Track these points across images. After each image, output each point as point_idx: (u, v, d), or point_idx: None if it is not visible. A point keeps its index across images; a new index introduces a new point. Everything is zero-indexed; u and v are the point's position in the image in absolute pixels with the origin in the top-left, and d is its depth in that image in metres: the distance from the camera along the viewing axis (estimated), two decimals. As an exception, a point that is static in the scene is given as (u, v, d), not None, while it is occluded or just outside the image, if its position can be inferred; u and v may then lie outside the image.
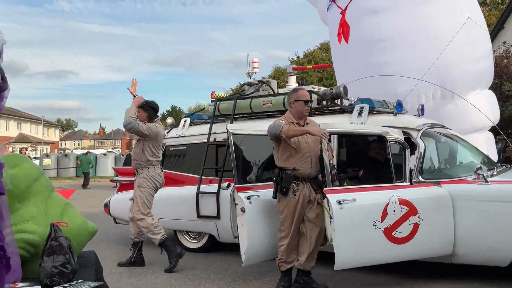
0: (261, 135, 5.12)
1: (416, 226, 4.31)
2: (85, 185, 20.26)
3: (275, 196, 4.38)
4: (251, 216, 4.41)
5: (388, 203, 4.28)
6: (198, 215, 5.96)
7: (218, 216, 5.79)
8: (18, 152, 19.84)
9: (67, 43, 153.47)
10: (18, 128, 55.37)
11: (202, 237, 6.28)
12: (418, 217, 4.31)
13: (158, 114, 5.85)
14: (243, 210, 4.41)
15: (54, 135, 68.03)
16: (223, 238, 5.91)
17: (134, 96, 5.62)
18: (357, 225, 4.20)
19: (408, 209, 4.31)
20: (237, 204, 4.49)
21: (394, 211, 4.27)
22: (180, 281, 5.02)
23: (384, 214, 4.24)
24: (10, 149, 19.25)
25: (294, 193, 4.28)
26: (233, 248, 6.19)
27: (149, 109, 5.72)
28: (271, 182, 4.47)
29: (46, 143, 56.63)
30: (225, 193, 5.75)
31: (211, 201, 5.83)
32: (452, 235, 4.41)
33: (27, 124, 58.26)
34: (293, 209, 4.30)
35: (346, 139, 5.70)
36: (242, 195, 4.45)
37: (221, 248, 6.23)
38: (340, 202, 4.11)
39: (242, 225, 4.46)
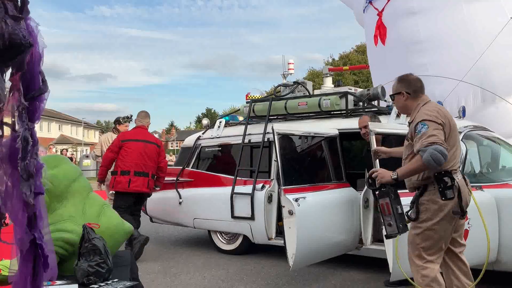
0: (306, 135, 5.08)
1: (466, 232, 4.07)
2: None
3: None
4: (299, 219, 4.27)
5: None
6: (233, 216, 5.96)
7: (252, 217, 5.78)
8: (59, 153, 20.36)
9: (107, 47, 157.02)
10: (59, 129, 57.11)
11: (236, 238, 6.28)
12: (468, 223, 4.09)
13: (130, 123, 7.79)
14: (291, 213, 4.28)
15: (94, 136, 69.75)
16: (257, 239, 5.88)
17: None
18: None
19: None
20: (284, 206, 4.36)
21: None
22: (213, 282, 5.02)
23: None
24: (54, 149, 19.81)
25: None
26: (266, 251, 6.18)
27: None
28: (318, 184, 4.31)
29: (86, 144, 58.13)
30: (259, 194, 5.73)
31: (246, 202, 5.82)
32: (496, 241, 4.24)
33: (68, 126, 60.00)
34: None
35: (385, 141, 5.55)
36: (290, 197, 4.34)
37: (254, 251, 6.21)
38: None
39: (290, 228, 4.33)
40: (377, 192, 3.37)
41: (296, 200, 4.32)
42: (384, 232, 3.43)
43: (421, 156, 3.06)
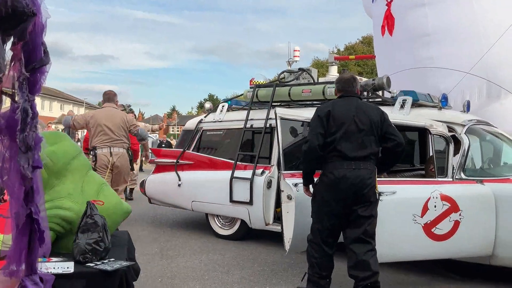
0: (308, 122, 5.09)
1: (456, 223, 4.18)
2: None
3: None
4: (298, 204, 4.25)
5: (429, 198, 4.18)
6: (231, 200, 5.95)
7: (250, 202, 5.77)
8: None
9: (112, 28, 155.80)
10: (61, 109, 57.02)
11: (234, 224, 6.27)
12: (460, 215, 4.18)
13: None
14: (289, 198, 4.27)
15: (95, 117, 69.58)
16: (255, 224, 5.88)
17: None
18: (396, 219, 4.13)
19: (449, 205, 4.19)
20: (283, 191, 4.35)
21: (435, 206, 4.16)
22: (209, 266, 5.03)
23: (425, 209, 4.15)
24: (53, 127, 19.80)
25: None
26: (263, 238, 6.17)
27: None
28: (318, 171, 4.33)
29: (87, 124, 58.00)
30: (259, 180, 5.72)
31: (245, 187, 5.80)
32: (493, 235, 4.23)
33: (70, 105, 59.86)
34: None
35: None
36: (290, 181, 4.32)
37: (251, 237, 6.20)
38: (379, 194, 3.97)
39: (288, 212, 4.33)
40: None
41: (296, 185, 4.29)
42: None
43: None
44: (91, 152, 6.02)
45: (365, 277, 3.61)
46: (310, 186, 4.01)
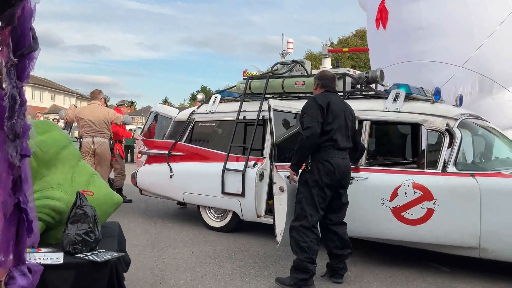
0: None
1: (430, 211, 4.40)
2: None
3: None
4: (290, 196, 4.26)
5: (400, 185, 4.54)
6: (223, 192, 5.92)
7: (242, 194, 5.75)
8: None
9: (104, 19, 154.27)
10: (52, 99, 56.61)
11: (226, 216, 6.25)
12: (434, 203, 4.39)
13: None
14: (282, 190, 4.27)
15: (86, 108, 69.05)
16: (246, 217, 5.86)
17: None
18: (365, 201, 4.69)
19: (422, 193, 4.44)
20: (275, 183, 4.34)
21: (405, 193, 4.52)
22: (200, 258, 5.01)
23: (394, 194, 4.57)
24: (42, 117, 19.63)
25: None
26: (255, 230, 6.17)
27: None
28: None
29: (78, 115, 57.56)
30: (251, 172, 5.70)
31: (237, 179, 5.78)
32: (477, 227, 4.25)
33: (61, 96, 59.46)
34: None
35: (380, 126, 5.55)
36: (282, 173, 4.32)
37: (243, 229, 6.19)
38: (352, 178, 4.48)
39: (280, 204, 4.33)
40: None
41: (288, 177, 4.29)
42: None
43: None
44: (78, 140, 7.41)
45: (348, 254, 4.30)
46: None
